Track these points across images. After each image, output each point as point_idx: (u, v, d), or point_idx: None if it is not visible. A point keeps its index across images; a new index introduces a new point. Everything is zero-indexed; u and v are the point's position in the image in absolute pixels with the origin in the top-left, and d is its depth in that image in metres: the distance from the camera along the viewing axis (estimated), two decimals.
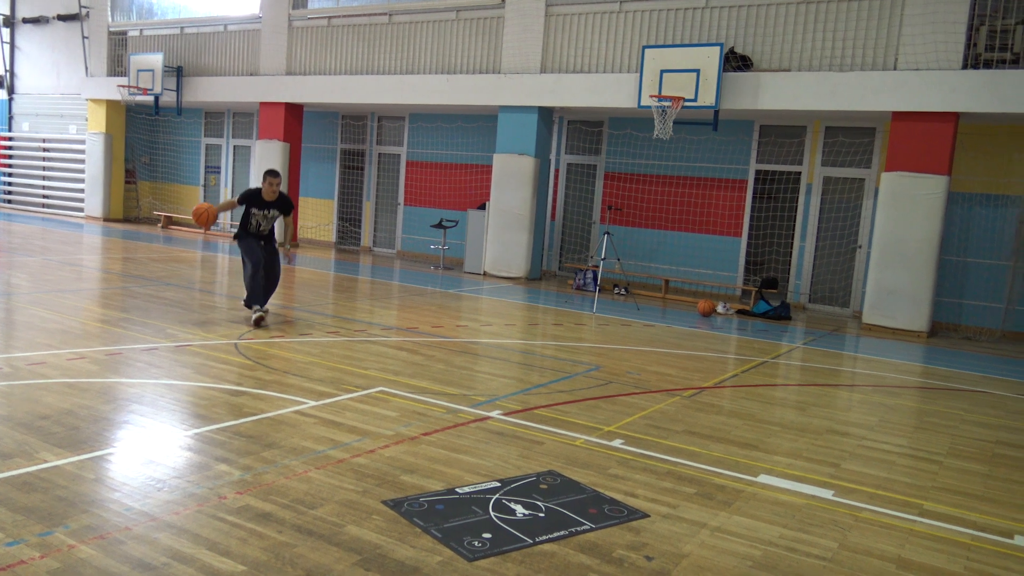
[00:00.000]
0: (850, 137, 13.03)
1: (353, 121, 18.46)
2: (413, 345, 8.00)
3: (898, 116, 11.37)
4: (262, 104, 17.60)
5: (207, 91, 18.50)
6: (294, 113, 17.54)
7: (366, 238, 18.53)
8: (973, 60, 11.07)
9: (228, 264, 14.54)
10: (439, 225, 15.92)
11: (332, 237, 18.99)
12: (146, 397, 5.45)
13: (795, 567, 3.51)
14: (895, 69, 11.38)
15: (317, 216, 19.14)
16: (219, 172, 20.83)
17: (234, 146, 20.47)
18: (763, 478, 4.68)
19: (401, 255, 17.78)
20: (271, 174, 8.52)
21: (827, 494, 4.49)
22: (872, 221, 12.34)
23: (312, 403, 5.57)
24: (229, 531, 3.45)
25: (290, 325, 8.64)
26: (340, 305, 10.53)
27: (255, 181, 18.40)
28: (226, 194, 20.65)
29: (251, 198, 8.52)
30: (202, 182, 21.12)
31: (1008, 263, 11.75)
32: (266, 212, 8.55)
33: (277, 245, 8.84)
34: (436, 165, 17.25)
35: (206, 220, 8.53)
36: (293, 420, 5.15)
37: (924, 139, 11.17)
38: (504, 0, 14.57)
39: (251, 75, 17.89)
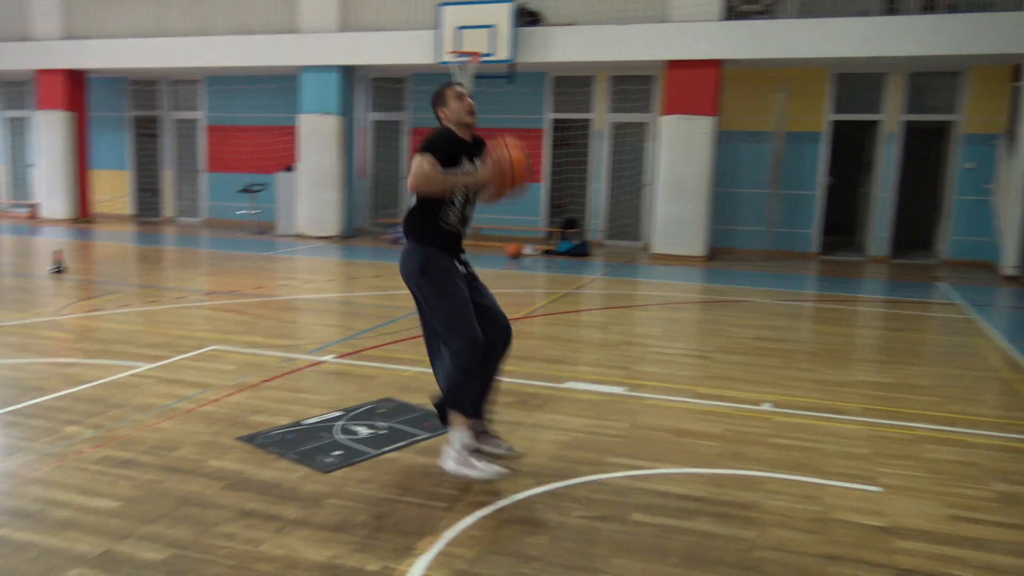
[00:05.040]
0: (632, 85, 14.23)
1: (143, 86, 17.64)
2: (238, 306, 8.20)
3: (671, 64, 12.60)
4: (39, 72, 16.42)
5: None
6: (76, 80, 16.51)
7: (168, 208, 17.90)
8: (732, 12, 12.47)
9: (14, 244, 13.71)
10: (247, 190, 15.74)
11: (129, 209, 18.17)
12: None
13: (596, 444, 4.31)
14: (667, 21, 12.56)
15: (112, 188, 18.21)
16: None
17: (9, 119, 18.91)
18: (569, 384, 5.48)
19: (209, 223, 17.37)
20: (459, 85, 4.19)
21: (621, 390, 5.36)
22: (656, 161, 13.63)
23: (148, 366, 5.76)
24: (96, 477, 3.75)
25: (105, 298, 8.54)
26: (154, 276, 10.41)
27: (39, 156, 17.14)
28: (2, 173, 19.11)
29: (453, 145, 3.97)
30: None
31: (768, 191, 13.44)
32: (476, 166, 4.02)
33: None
34: (239, 128, 16.92)
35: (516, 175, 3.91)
36: (133, 382, 5.35)
37: (694, 84, 12.48)
38: None
39: (22, 40, 16.59)
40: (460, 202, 4.02)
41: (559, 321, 7.82)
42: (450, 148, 3.93)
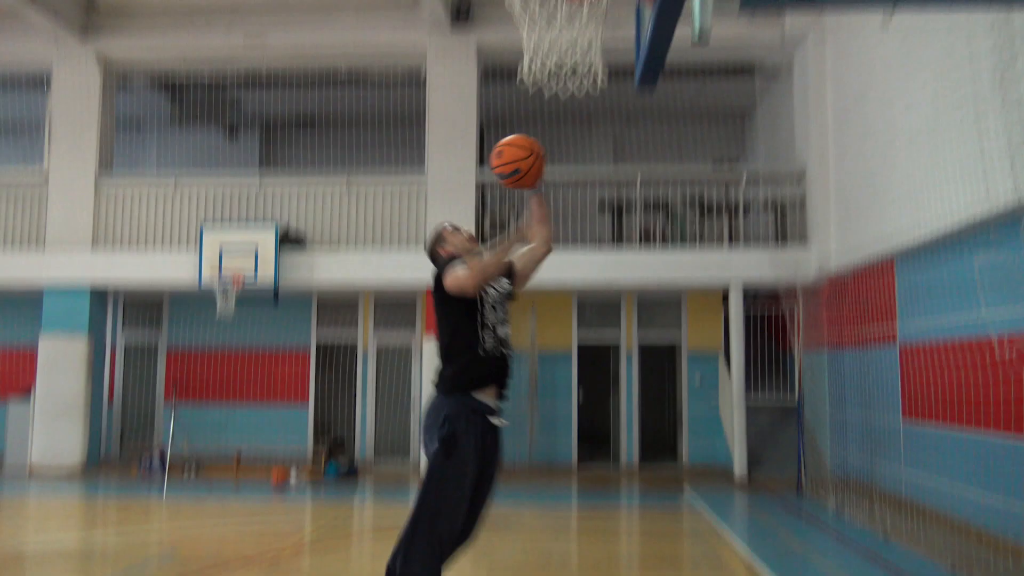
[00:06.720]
0: (397, 305, 14.83)
1: None
2: None
3: (431, 288, 13.38)
4: None
5: None
6: None
7: None
8: (481, 240, 13.69)
9: None
10: None
11: None
12: None
13: None
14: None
15: None
16: None
17: None
18: None
19: None
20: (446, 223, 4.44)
21: None
22: (421, 380, 14.00)
23: None
24: None
25: None
26: None
27: None
28: None
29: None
30: None
31: (527, 403, 14.24)
32: (499, 289, 4.29)
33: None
34: None
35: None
36: None
37: None
38: (45, 173, 14.07)
39: None
40: (492, 322, 4.05)
41: (328, 550, 7.57)
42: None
